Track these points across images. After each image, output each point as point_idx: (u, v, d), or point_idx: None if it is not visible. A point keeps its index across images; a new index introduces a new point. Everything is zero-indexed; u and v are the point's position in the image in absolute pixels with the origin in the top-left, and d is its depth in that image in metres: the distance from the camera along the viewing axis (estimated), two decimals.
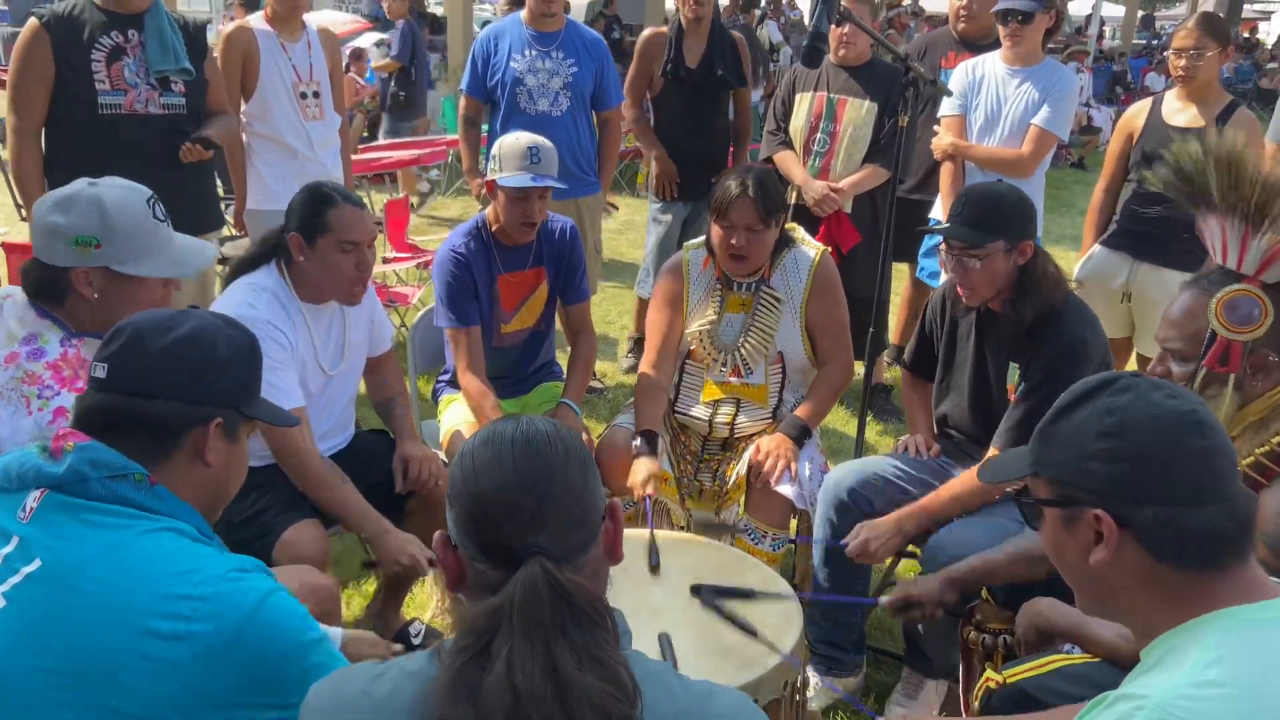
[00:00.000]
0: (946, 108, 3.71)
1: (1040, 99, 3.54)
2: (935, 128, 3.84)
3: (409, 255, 5.25)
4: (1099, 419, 1.16)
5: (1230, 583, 1.12)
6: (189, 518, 1.29)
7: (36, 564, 1.18)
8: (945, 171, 3.73)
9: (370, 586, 2.86)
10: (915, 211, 3.97)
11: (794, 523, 2.69)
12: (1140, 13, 23.98)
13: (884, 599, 2.09)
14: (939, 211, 3.90)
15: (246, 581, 1.20)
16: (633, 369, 4.74)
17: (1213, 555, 1.11)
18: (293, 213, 2.36)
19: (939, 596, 2.04)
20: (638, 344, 4.81)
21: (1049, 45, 3.71)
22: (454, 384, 2.92)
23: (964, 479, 2.35)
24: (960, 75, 3.69)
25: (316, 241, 2.32)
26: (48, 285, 1.80)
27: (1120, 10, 22.62)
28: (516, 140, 2.72)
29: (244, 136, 3.76)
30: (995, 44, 3.90)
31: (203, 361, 1.33)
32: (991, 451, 2.33)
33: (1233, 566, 1.12)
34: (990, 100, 3.63)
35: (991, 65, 3.66)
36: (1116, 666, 1.68)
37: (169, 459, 1.30)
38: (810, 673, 2.46)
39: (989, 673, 1.80)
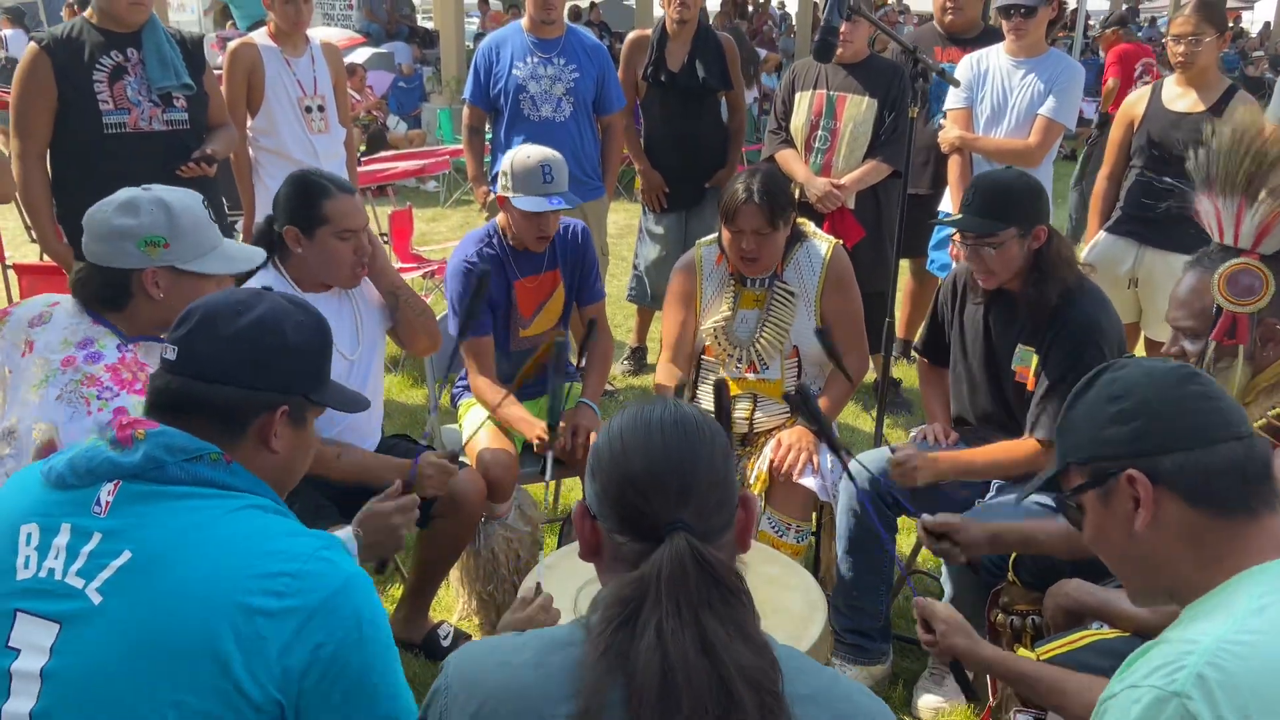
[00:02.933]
0: (952, 101, 3.74)
1: (1046, 89, 3.56)
2: (941, 121, 3.87)
3: (415, 265, 5.27)
4: (1104, 390, 1.25)
5: (1266, 535, 1.17)
6: (265, 493, 1.28)
7: (126, 556, 1.17)
8: (953, 164, 3.76)
9: (396, 592, 2.87)
10: (916, 206, 4.00)
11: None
12: (1124, 5, 24.09)
13: (927, 517, 2.07)
14: (948, 205, 3.93)
15: (334, 563, 1.21)
16: (630, 373, 4.77)
17: (1242, 495, 1.17)
18: (281, 206, 2.36)
19: (978, 542, 2.02)
20: (634, 353, 4.85)
21: (1051, 36, 3.74)
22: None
23: (1009, 445, 2.38)
24: (965, 68, 3.72)
25: (315, 233, 2.33)
26: (111, 290, 1.81)
27: (1105, 4, 22.74)
28: (527, 158, 2.73)
29: (250, 151, 3.80)
30: (981, 38, 3.97)
31: (271, 348, 1.31)
32: (1027, 437, 2.37)
33: (1264, 514, 1.17)
34: (996, 92, 3.65)
35: (996, 57, 3.68)
36: (1146, 639, 1.71)
37: (236, 445, 1.29)
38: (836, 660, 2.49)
39: (1021, 651, 1.82)
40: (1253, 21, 26.58)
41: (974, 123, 3.71)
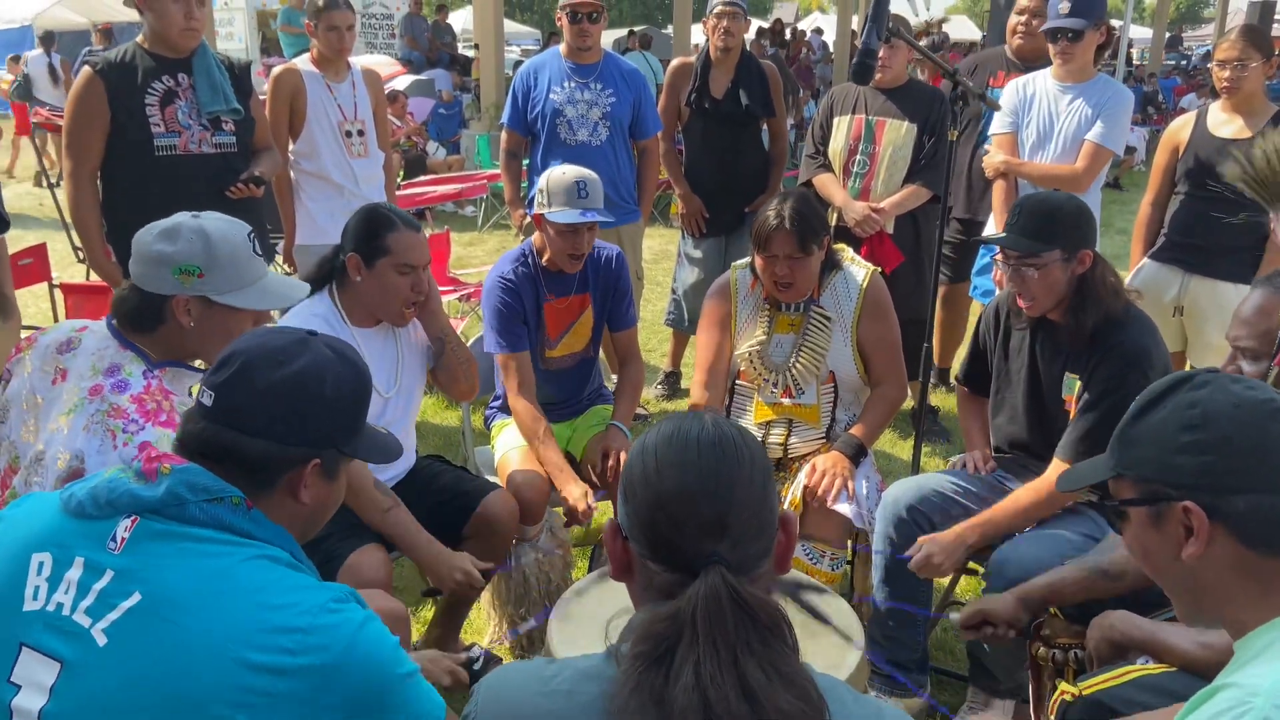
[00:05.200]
0: (998, 125, 3.69)
1: (1094, 114, 3.49)
2: (986, 147, 3.83)
3: (451, 288, 5.31)
4: (1181, 413, 1.16)
5: None
6: (284, 543, 1.27)
7: (136, 598, 1.15)
8: (998, 190, 3.69)
9: (427, 613, 2.87)
10: (971, 230, 3.96)
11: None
12: (1167, 34, 23.89)
13: (955, 615, 2.05)
14: (991, 230, 3.89)
15: (344, 613, 1.19)
16: (663, 397, 4.76)
17: None
18: (349, 234, 2.41)
19: (1015, 615, 1.99)
20: (668, 377, 4.84)
21: (1100, 62, 3.68)
22: (505, 410, 2.94)
23: (1027, 491, 2.32)
24: (1010, 93, 3.67)
25: (375, 263, 2.37)
26: (144, 312, 1.83)
27: (1148, 32, 22.55)
28: (563, 175, 2.76)
29: (292, 174, 3.86)
30: (1049, 64, 3.88)
31: (307, 404, 1.29)
32: (1055, 464, 2.30)
33: None
34: (1042, 117, 3.59)
35: (1043, 82, 3.62)
36: (1194, 675, 1.65)
37: (263, 493, 1.28)
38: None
39: (1064, 685, 1.77)
40: None
41: (1019, 148, 3.65)
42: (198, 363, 1.91)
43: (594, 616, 1.94)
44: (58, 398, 1.80)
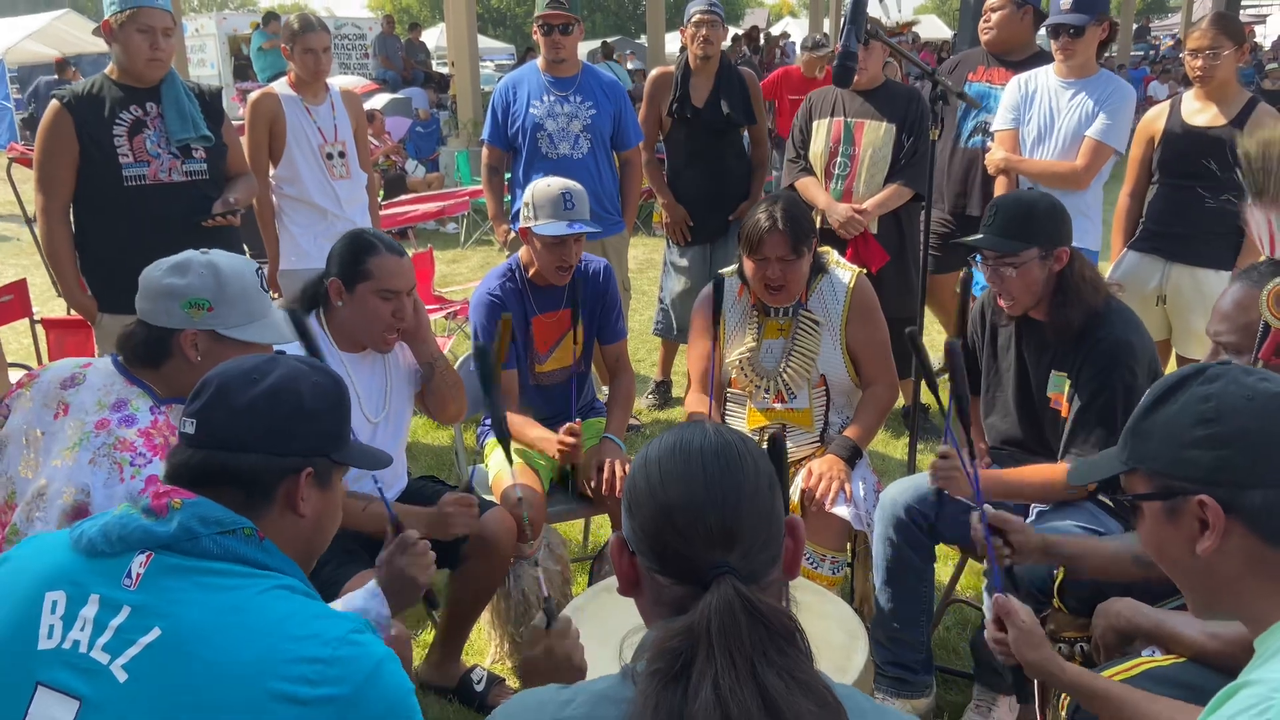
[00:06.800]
0: (999, 122, 3.66)
1: (1095, 110, 3.44)
2: (988, 143, 3.82)
3: (437, 306, 5.29)
4: (1195, 406, 1.16)
5: None
6: (294, 573, 1.27)
7: (155, 633, 1.15)
8: (999, 186, 3.67)
9: (427, 637, 2.84)
10: (969, 228, 3.95)
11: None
12: (1135, 25, 24.11)
13: (989, 509, 1.97)
14: None
15: (364, 646, 1.19)
16: (655, 407, 4.76)
17: None
18: (334, 259, 2.41)
19: (1032, 548, 1.95)
20: (659, 386, 4.83)
21: (1102, 58, 3.66)
22: None
23: (1037, 467, 2.31)
24: (1013, 89, 3.64)
25: (356, 288, 2.36)
26: (152, 347, 1.83)
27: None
28: (549, 187, 2.76)
29: (274, 199, 3.84)
30: (1032, 60, 3.85)
31: (289, 413, 1.31)
32: (1061, 466, 2.30)
33: None
34: (1043, 113, 3.56)
35: (1044, 78, 3.59)
36: (1205, 666, 1.65)
37: (263, 513, 1.29)
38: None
39: None
40: (1265, 36, 26.53)
41: (1020, 144, 3.61)
42: None
43: (601, 636, 1.93)
44: (59, 432, 1.79)
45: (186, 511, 1.21)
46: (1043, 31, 3.76)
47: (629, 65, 15.76)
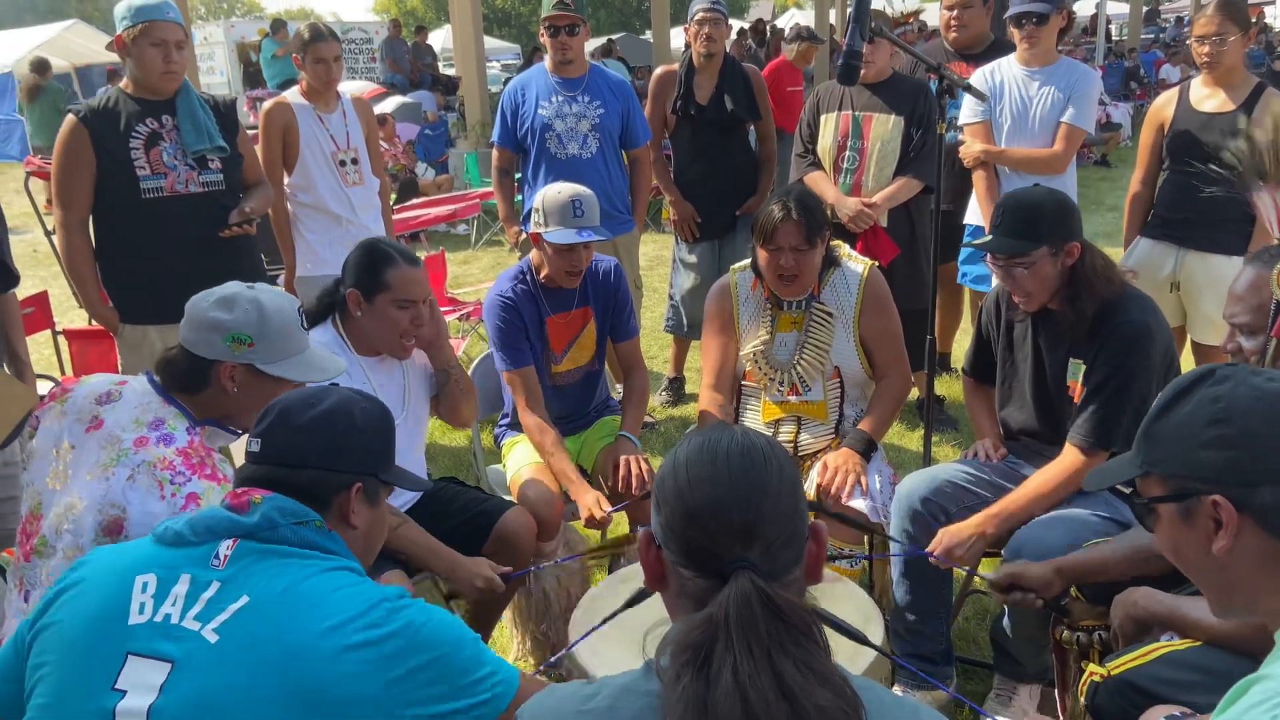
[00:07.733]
0: (969, 115, 3.74)
1: (1065, 96, 3.60)
2: (961, 136, 3.86)
3: (450, 308, 5.32)
4: (1205, 408, 1.18)
5: None
6: (354, 561, 1.44)
7: (244, 600, 1.30)
8: (978, 179, 3.74)
9: None
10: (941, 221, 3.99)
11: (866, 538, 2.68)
12: (1145, 8, 23.95)
13: (989, 576, 2.04)
14: (973, 217, 3.91)
15: (414, 604, 1.36)
16: (669, 403, 4.78)
17: None
18: (349, 269, 2.45)
19: (1048, 581, 1.99)
20: (672, 383, 4.86)
21: (1060, 46, 3.76)
22: (514, 426, 2.96)
23: (1041, 477, 2.33)
24: (979, 81, 3.72)
25: (375, 299, 2.40)
26: (192, 375, 1.90)
27: (1125, 7, 22.61)
28: (559, 194, 2.78)
29: (289, 207, 3.88)
30: (989, 52, 3.98)
31: (342, 432, 1.48)
32: (1068, 448, 2.32)
33: None
34: (1014, 103, 3.67)
35: (1009, 69, 3.69)
36: (1221, 649, 1.67)
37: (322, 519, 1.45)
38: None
39: (1092, 666, 1.78)
40: (1276, 16, 26.28)
41: (995, 134, 3.72)
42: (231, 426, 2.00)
43: (620, 632, 1.95)
44: (90, 446, 1.82)
45: (267, 505, 1.39)
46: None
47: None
